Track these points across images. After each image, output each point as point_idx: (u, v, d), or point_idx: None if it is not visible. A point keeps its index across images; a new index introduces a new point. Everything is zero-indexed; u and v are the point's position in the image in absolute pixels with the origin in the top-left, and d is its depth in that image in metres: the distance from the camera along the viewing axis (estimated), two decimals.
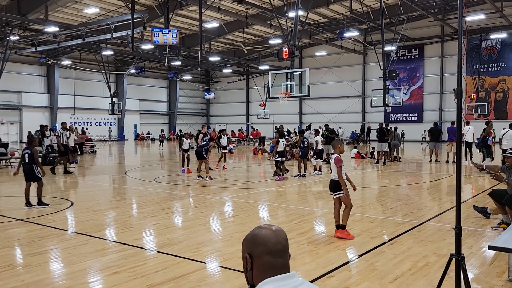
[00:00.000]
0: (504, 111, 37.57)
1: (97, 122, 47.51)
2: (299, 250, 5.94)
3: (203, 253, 5.94)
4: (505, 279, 4.83)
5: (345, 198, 6.66)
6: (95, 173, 17.13)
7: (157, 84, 53.49)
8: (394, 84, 37.47)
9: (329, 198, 10.69)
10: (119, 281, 4.77)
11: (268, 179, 14.12)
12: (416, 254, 5.74)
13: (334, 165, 6.67)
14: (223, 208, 9.59)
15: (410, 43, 39.36)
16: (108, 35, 28.35)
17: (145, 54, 37.09)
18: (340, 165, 6.62)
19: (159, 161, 23.01)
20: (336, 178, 6.69)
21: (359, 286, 4.64)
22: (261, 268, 1.62)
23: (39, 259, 5.62)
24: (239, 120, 53.91)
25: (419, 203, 9.89)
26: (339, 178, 6.63)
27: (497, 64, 37.84)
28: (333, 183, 6.76)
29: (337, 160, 6.63)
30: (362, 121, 44.80)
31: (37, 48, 33.55)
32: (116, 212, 8.97)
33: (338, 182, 6.67)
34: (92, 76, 44.29)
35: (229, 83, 52.16)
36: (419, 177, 15.34)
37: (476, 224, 7.47)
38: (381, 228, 7.32)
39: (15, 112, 41.01)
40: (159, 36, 19.62)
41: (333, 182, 6.76)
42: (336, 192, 6.73)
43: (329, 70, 45.10)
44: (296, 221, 7.91)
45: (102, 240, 6.63)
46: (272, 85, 18.95)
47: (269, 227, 1.70)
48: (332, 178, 6.80)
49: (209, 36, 36.18)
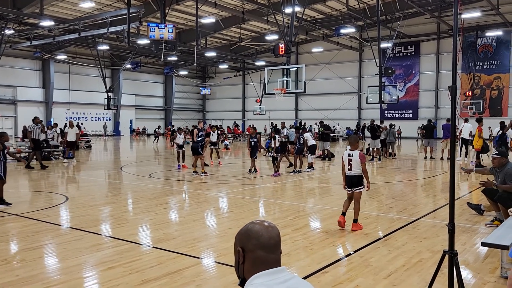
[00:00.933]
0: (499, 109, 37.75)
1: (92, 117, 47.31)
2: (294, 246, 5.96)
3: (198, 248, 5.95)
4: (497, 275, 4.88)
5: (360, 193, 6.91)
6: (90, 168, 17.09)
7: (153, 79, 53.31)
8: (390, 81, 37.55)
9: (324, 195, 10.75)
10: (114, 276, 4.77)
11: (264, 175, 14.14)
12: (410, 250, 5.78)
13: (358, 160, 6.79)
14: (218, 204, 9.60)
15: (406, 40, 39.43)
16: (103, 29, 28.20)
17: (141, 49, 36.94)
18: (365, 161, 6.85)
19: (154, 157, 22.98)
20: (358, 173, 6.82)
21: (353, 282, 4.67)
22: (253, 262, 1.65)
23: (34, 254, 5.62)
24: (235, 116, 53.86)
25: (413, 199, 9.94)
26: (365, 173, 6.82)
27: (492, 62, 37.98)
28: (356, 178, 6.83)
29: (362, 156, 6.80)
30: (358, 117, 44.89)
31: (32, 43, 33.31)
32: (111, 207, 8.97)
33: (361, 177, 6.83)
34: (87, 71, 44.08)
35: (225, 78, 52.06)
36: (414, 174, 15.40)
37: (469, 221, 7.52)
38: (376, 225, 7.36)
39: (10, 107, 40.79)
40: (155, 31, 19.54)
41: (356, 177, 6.83)
42: (358, 187, 6.86)
43: (325, 67, 45.11)
44: (291, 217, 7.93)
45: (97, 235, 6.62)
46: (268, 81, 18.95)
47: (262, 223, 1.72)
48: (352, 174, 6.85)
49: (206, 32, 36.07)
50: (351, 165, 6.83)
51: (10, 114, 40.87)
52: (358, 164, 6.80)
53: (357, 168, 6.81)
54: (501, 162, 6.89)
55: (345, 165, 6.92)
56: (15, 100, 40.83)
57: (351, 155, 6.85)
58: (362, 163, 6.78)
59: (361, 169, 6.80)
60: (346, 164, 6.91)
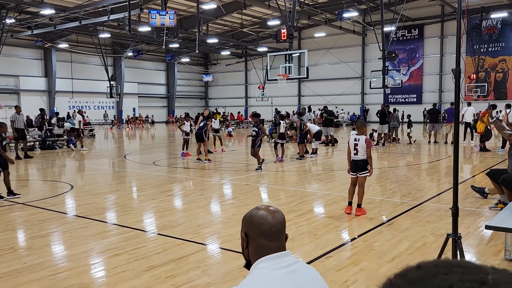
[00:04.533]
0: (504, 92, 37.44)
1: (95, 105, 47.30)
2: (298, 232, 5.99)
3: (203, 235, 5.99)
4: (501, 258, 4.89)
5: (365, 178, 6.95)
6: (95, 156, 17.15)
7: (155, 67, 53.12)
8: (394, 65, 37.26)
9: (328, 180, 10.76)
10: (120, 263, 4.82)
11: (267, 161, 14.15)
12: (414, 234, 5.80)
13: (364, 145, 6.82)
14: (222, 191, 9.64)
15: (410, 24, 38.98)
16: (104, 17, 28.01)
17: (142, 37, 36.71)
18: (371, 146, 6.92)
19: (152, 145, 23.04)
20: (364, 158, 6.84)
21: (357, 266, 4.70)
22: (255, 248, 1.67)
23: (41, 242, 5.67)
24: (238, 103, 53.73)
25: (417, 184, 9.94)
26: (369, 159, 6.85)
27: (498, 44, 37.56)
28: (362, 162, 6.86)
29: (368, 141, 6.85)
30: (361, 102, 44.68)
31: (33, 31, 33.17)
32: (116, 195, 9.02)
33: (366, 162, 6.87)
34: (89, 59, 43.94)
35: (227, 65, 51.82)
36: (418, 158, 15.38)
37: (473, 204, 7.52)
38: (380, 209, 7.38)
39: (13, 96, 40.81)
40: (156, 18, 19.38)
41: (362, 161, 6.86)
42: (363, 171, 6.89)
43: (328, 52, 44.77)
44: (295, 202, 7.96)
45: (102, 223, 6.67)
46: (271, 67, 18.81)
47: (267, 209, 1.72)
48: (358, 158, 6.87)
49: (207, 18, 35.76)
50: (357, 150, 6.85)
51: (13, 103, 40.89)
52: (364, 149, 6.82)
53: (363, 152, 6.83)
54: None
55: (351, 150, 6.92)
56: (18, 90, 40.83)
57: (358, 139, 6.86)
58: (368, 148, 6.82)
59: (366, 154, 6.82)
60: (352, 149, 6.91)
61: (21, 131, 15.72)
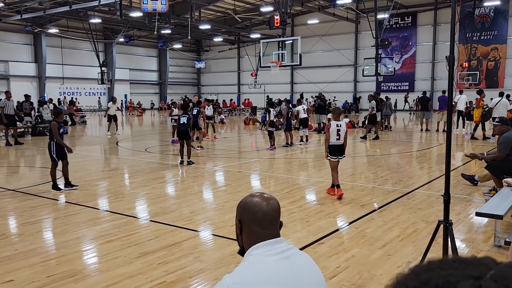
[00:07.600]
0: (495, 80, 37.63)
1: (86, 92, 46.82)
2: (290, 218, 6.02)
3: (195, 221, 6.00)
4: (491, 244, 4.96)
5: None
6: (86, 143, 17.03)
7: (146, 53, 52.58)
8: (386, 53, 37.18)
9: (320, 167, 10.79)
10: (112, 249, 4.82)
11: (260, 148, 14.16)
12: (405, 221, 5.86)
13: (345, 129, 7.26)
14: (215, 178, 9.64)
15: (403, 11, 38.87)
16: (95, 2, 27.55)
17: (134, 22, 36.25)
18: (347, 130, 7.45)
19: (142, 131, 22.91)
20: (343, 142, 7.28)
21: (349, 252, 4.74)
22: (249, 235, 1.66)
23: (32, 229, 5.65)
24: (231, 90, 53.49)
25: (409, 171, 10.01)
26: (345, 142, 7.30)
27: (490, 32, 37.62)
28: (342, 147, 7.27)
29: (349, 126, 7.20)
30: (354, 90, 44.68)
31: (22, 16, 32.58)
32: (108, 182, 8.98)
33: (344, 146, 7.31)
34: (80, 45, 43.34)
35: (220, 52, 51.40)
36: (410, 146, 15.47)
37: (464, 192, 7.60)
38: (371, 196, 7.43)
39: (3, 82, 40.24)
40: (148, 3, 19.15)
41: (342, 146, 7.26)
42: (343, 155, 7.35)
43: (321, 39, 44.56)
44: (287, 189, 7.98)
45: (94, 209, 6.65)
46: (264, 54, 18.70)
47: (262, 196, 1.71)
48: (341, 143, 7.23)
49: (199, 4, 35.35)
50: (339, 135, 7.18)
51: (3, 89, 40.35)
52: (344, 134, 7.23)
53: (343, 137, 7.24)
54: (502, 130, 6.85)
55: (334, 135, 7.18)
56: (7, 75, 40.24)
57: (340, 125, 7.19)
58: (346, 132, 7.30)
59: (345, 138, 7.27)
60: (335, 134, 7.18)
61: (11, 117, 15.53)
